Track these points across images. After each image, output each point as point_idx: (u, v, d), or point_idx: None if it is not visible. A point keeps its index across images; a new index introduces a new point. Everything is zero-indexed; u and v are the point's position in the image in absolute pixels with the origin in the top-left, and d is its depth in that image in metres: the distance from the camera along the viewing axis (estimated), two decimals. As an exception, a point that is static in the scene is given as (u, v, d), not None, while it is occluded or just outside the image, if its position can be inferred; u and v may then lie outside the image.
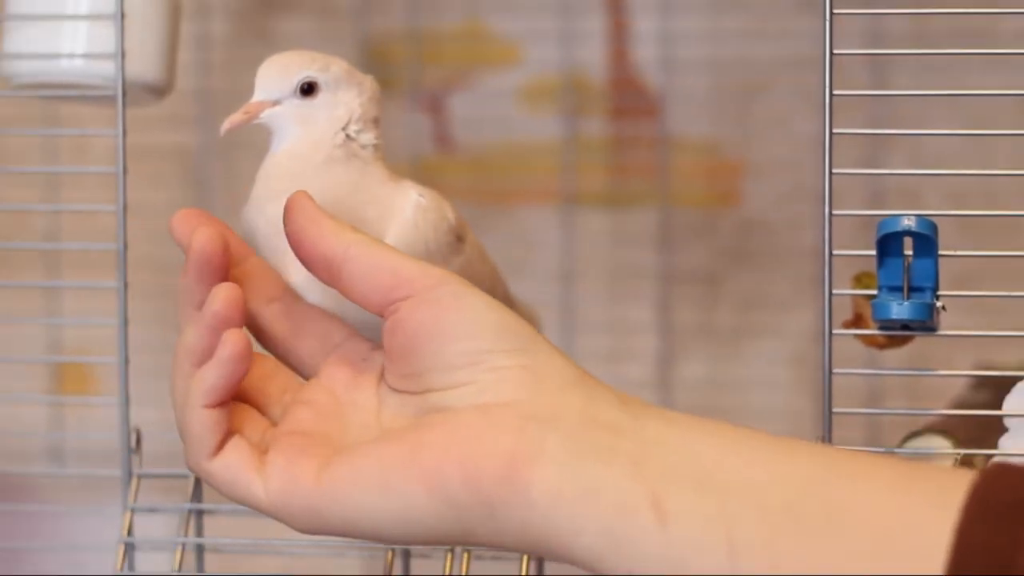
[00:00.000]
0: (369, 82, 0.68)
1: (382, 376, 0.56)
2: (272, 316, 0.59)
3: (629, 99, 1.18)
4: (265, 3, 1.19)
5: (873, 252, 0.66)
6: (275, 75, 0.65)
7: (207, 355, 0.55)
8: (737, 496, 0.47)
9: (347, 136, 0.66)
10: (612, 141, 1.18)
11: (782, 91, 1.15)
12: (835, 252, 0.68)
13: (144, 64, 0.78)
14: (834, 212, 0.68)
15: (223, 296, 0.55)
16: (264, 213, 0.64)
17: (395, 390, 0.55)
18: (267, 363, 0.59)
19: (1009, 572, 0.43)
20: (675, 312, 1.16)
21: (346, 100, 0.66)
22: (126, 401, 0.76)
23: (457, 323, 0.53)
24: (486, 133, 1.19)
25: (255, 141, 1.16)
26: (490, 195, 1.19)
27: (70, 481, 1.06)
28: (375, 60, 1.18)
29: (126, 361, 0.76)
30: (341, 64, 0.67)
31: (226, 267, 0.57)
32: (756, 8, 1.15)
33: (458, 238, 0.70)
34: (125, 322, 0.76)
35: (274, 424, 0.57)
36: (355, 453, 0.52)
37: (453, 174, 1.19)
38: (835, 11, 0.67)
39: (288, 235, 0.57)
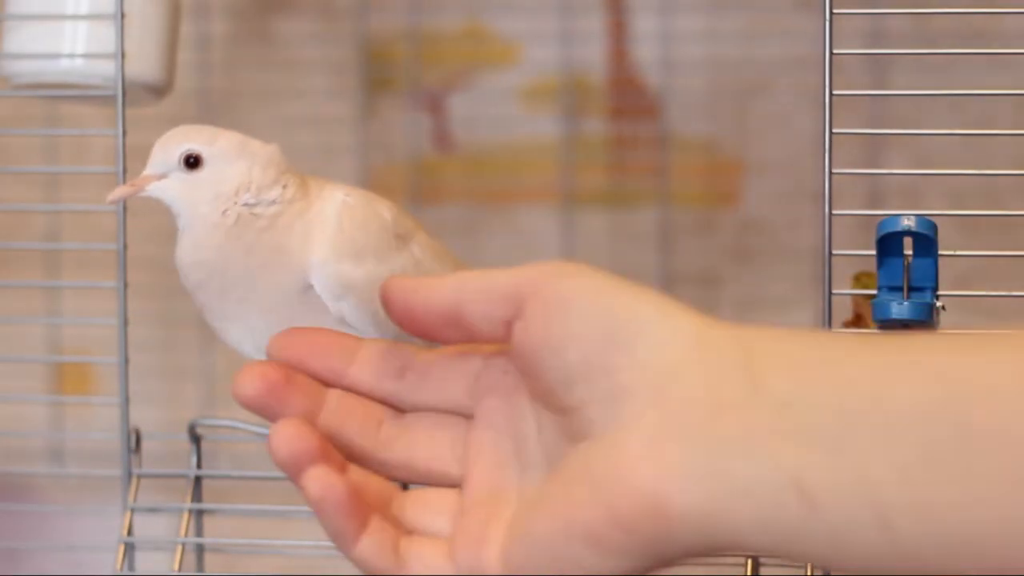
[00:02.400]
0: (264, 151, 0.67)
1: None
2: (407, 389, 0.56)
3: (629, 99, 1.18)
4: (265, 3, 1.19)
5: (873, 252, 0.66)
6: (160, 148, 0.66)
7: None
8: (874, 453, 0.45)
9: (244, 205, 0.66)
10: (612, 141, 1.18)
11: (782, 91, 1.15)
12: (835, 252, 0.68)
13: (144, 64, 0.78)
14: (834, 212, 0.68)
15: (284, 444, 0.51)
16: (195, 298, 0.66)
17: (545, 409, 0.53)
18: (423, 421, 0.55)
19: None
20: (675, 312, 1.16)
21: (233, 174, 0.66)
22: (126, 401, 0.76)
23: (562, 328, 0.50)
24: (486, 133, 1.19)
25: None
26: (490, 195, 1.19)
27: (70, 481, 1.06)
28: (375, 60, 1.18)
29: (126, 361, 0.76)
30: (230, 138, 0.67)
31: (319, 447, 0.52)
32: (756, 8, 1.15)
33: (398, 237, 0.69)
34: (125, 322, 0.76)
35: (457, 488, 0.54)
36: (523, 533, 0.50)
37: (453, 174, 1.19)
38: (835, 11, 0.67)
39: (398, 320, 0.53)
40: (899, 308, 0.65)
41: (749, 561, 0.73)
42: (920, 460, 0.44)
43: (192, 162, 0.66)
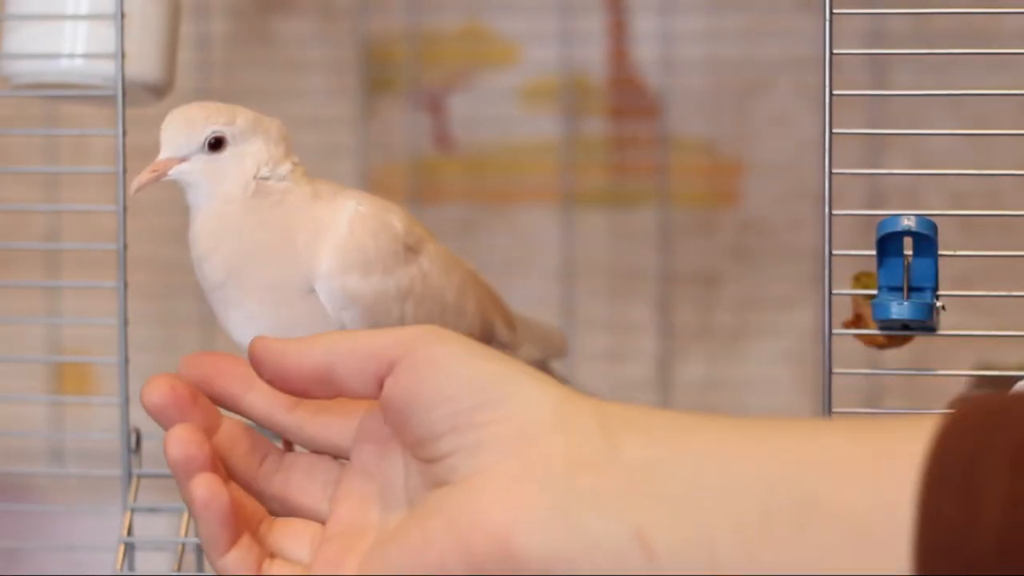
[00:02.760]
0: (275, 126, 0.68)
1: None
2: (295, 423, 0.59)
3: (629, 99, 1.18)
4: (265, 3, 1.19)
5: (873, 252, 0.66)
6: (182, 131, 0.66)
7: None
8: (714, 513, 0.48)
9: (260, 179, 0.66)
10: (612, 141, 1.18)
11: (782, 91, 1.15)
12: (835, 252, 0.68)
13: (144, 64, 0.78)
14: (834, 212, 0.67)
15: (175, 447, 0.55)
16: (201, 272, 0.67)
17: (413, 457, 0.56)
18: (301, 460, 0.59)
19: (971, 542, 0.43)
20: (675, 312, 1.16)
21: (253, 151, 0.67)
22: (126, 401, 0.76)
23: (433, 387, 0.53)
24: (486, 133, 1.19)
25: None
26: (490, 195, 1.19)
27: (70, 481, 1.06)
28: (375, 60, 1.18)
29: (126, 361, 0.76)
30: (246, 114, 0.67)
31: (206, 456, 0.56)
32: (756, 8, 1.15)
33: (408, 248, 0.69)
34: (125, 322, 0.76)
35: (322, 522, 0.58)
36: (377, 562, 0.53)
37: (453, 174, 1.19)
38: (835, 11, 0.67)
39: (269, 381, 0.56)
40: (899, 308, 0.66)
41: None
42: (758, 522, 0.48)
43: (215, 144, 0.66)
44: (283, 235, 0.66)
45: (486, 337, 0.75)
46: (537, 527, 0.50)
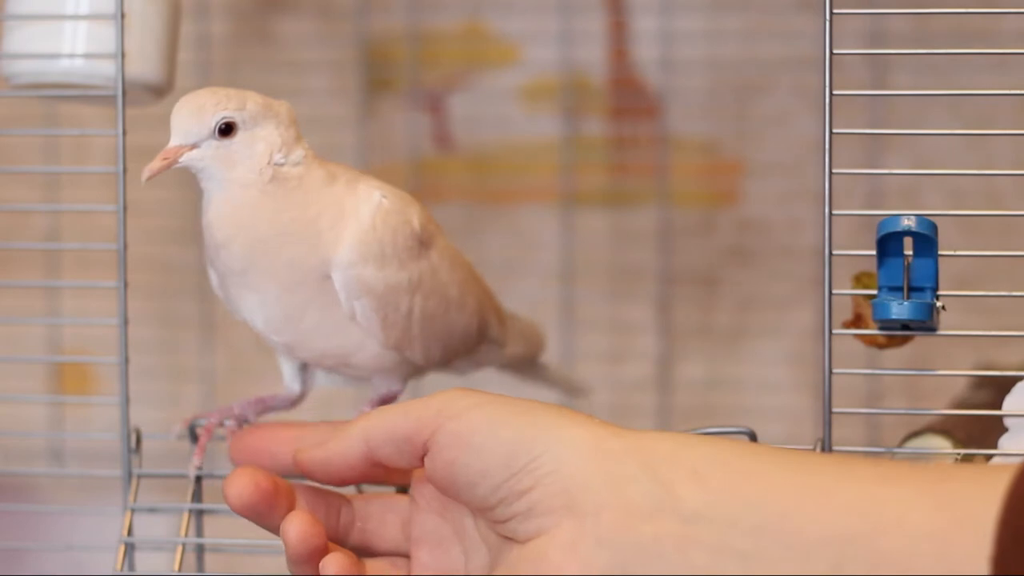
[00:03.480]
0: (284, 109, 0.68)
1: None
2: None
3: (629, 99, 1.18)
4: (265, 3, 1.19)
5: (873, 252, 0.66)
6: (191, 118, 0.65)
7: None
8: (783, 564, 0.48)
9: (276, 165, 0.66)
10: (612, 141, 1.18)
11: (782, 91, 1.15)
12: (835, 252, 0.68)
13: (144, 64, 0.78)
14: (834, 212, 0.67)
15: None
16: (218, 258, 0.67)
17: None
18: (373, 507, 0.61)
19: None
20: (675, 312, 1.16)
21: (264, 135, 0.66)
22: (126, 401, 0.76)
23: (466, 468, 0.54)
24: (486, 133, 1.19)
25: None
26: (490, 195, 1.19)
27: (70, 481, 1.06)
28: (375, 60, 1.18)
29: (126, 361, 0.76)
30: (256, 99, 0.67)
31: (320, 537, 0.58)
32: (756, 8, 1.15)
33: (422, 243, 0.70)
34: (125, 322, 0.76)
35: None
36: None
37: (453, 174, 1.19)
38: (835, 11, 0.67)
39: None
40: (899, 308, 0.65)
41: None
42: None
43: (226, 129, 0.65)
44: (303, 220, 0.66)
45: (481, 333, 0.75)
46: None
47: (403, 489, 0.63)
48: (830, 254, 0.68)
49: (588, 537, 0.51)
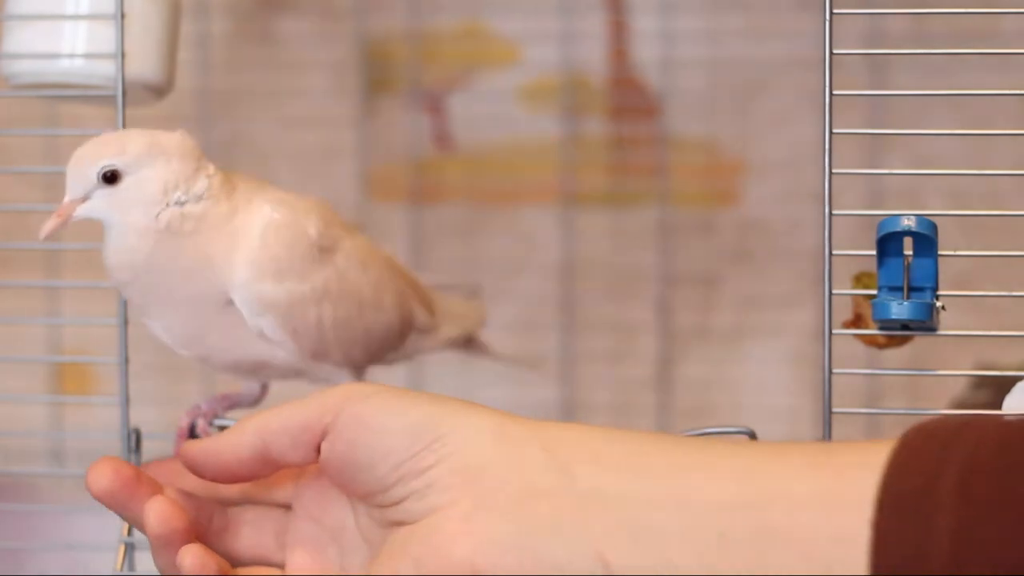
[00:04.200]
0: (175, 143, 0.67)
1: None
2: (240, 489, 0.61)
3: (629, 99, 1.18)
4: (265, 3, 1.19)
5: (873, 252, 0.66)
6: (75, 171, 0.65)
7: None
8: (673, 537, 0.50)
9: (176, 204, 0.66)
10: (612, 141, 1.18)
11: (782, 91, 1.15)
12: (835, 252, 0.68)
13: (144, 64, 0.78)
14: (834, 212, 0.67)
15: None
16: (125, 296, 0.69)
17: (361, 502, 0.57)
18: (247, 515, 0.61)
19: (924, 568, 0.45)
20: (675, 312, 1.16)
21: (153, 175, 0.66)
22: (126, 401, 0.76)
23: (367, 448, 0.54)
24: (486, 133, 1.19)
25: (255, 140, 1.16)
26: (490, 195, 1.19)
27: (70, 481, 1.06)
28: (375, 60, 1.18)
29: (126, 361, 0.76)
30: (139, 140, 0.66)
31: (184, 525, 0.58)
32: (756, 8, 1.15)
33: (323, 250, 0.69)
34: (125, 322, 0.76)
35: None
36: None
37: (453, 174, 1.19)
38: (835, 11, 0.67)
39: (213, 479, 0.58)
40: (899, 308, 0.65)
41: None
42: (716, 548, 0.49)
43: (110, 177, 0.65)
44: (199, 258, 0.66)
45: (405, 327, 0.75)
46: (502, 553, 0.51)
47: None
48: (830, 254, 0.68)
49: (483, 513, 0.52)
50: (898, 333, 0.69)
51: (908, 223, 0.65)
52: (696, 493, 0.50)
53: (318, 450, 0.56)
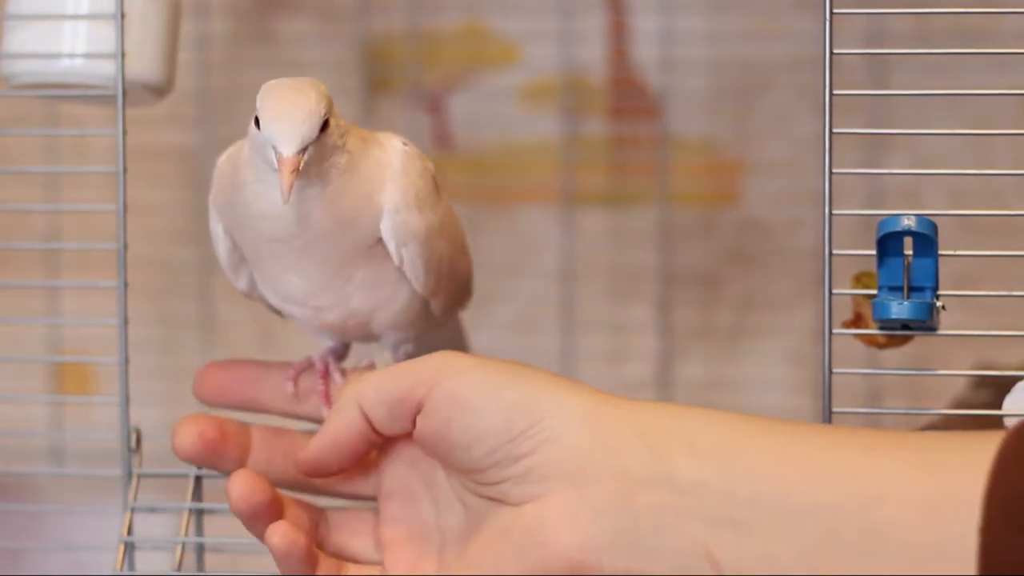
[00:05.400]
0: (324, 88, 0.67)
1: None
2: (311, 409, 0.63)
3: (629, 99, 1.18)
4: (265, 3, 1.19)
5: (873, 252, 0.66)
6: (305, 124, 0.63)
7: None
8: (777, 535, 0.49)
9: (342, 148, 0.66)
10: (612, 141, 1.18)
11: (782, 91, 1.15)
12: (835, 252, 0.68)
13: (144, 64, 0.78)
14: (834, 212, 0.67)
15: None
16: (270, 249, 0.67)
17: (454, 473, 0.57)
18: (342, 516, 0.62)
19: None
20: (675, 312, 1.16)
21: (335, 121, 0.66)
22: (126, 401, 0.76)
23: (462, 428, 0.54)
24: (486, 133, 1.19)
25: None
26: (490, 195, 1.19)
27: (70, 481, 1.06)
28: (375, 60, 1.18)
29: (126, 361, 0.76)
30: (320, 85, 0.66)
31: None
32: (756, 8, 1.15)
33: (437, 186, 0.71)
34: (125, 322, 0.76)
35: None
36: (458, 568, 0.55)
37: (453, 174, 1.19)
38: (835, 11, 0.67)
39: (338, 470, 0.59)
40: (899, 308, 0.65)
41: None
42: (820, 546, 0.49)
43: (324, 126, 0.64)
44: (361, 198, 0.66)
45: (471, 280, 0.76)
46: (604, 550, 0.51)
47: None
48: (830, 254, 0.68)
49: (586, 506, 0.52)
50: (898, 333, 0.69)
51: (908, 223, 0.65)
52: (797, 493, 0.49)
53: (414, 422, 0.56)
